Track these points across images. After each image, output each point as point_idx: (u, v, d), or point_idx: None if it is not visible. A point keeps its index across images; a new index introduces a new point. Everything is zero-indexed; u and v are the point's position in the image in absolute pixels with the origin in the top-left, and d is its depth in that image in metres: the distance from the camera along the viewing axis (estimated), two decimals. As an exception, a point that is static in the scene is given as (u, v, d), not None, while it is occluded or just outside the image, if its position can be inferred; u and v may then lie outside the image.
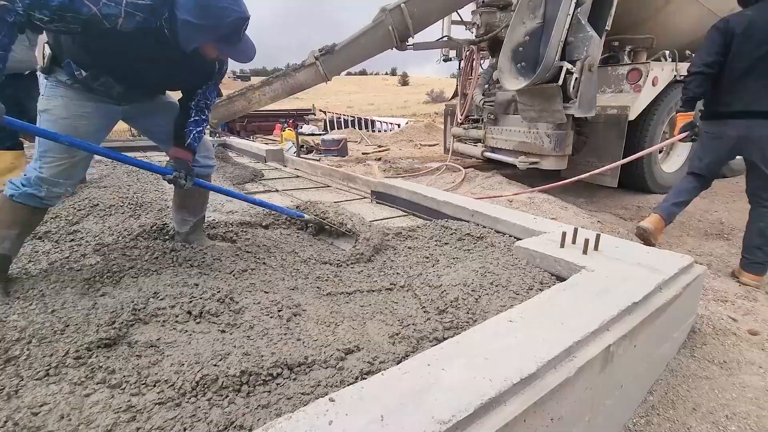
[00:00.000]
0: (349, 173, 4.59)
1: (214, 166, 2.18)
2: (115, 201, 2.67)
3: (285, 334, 1.41)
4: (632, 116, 4.07)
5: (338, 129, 14.28)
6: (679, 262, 1.95)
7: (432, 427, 0.94)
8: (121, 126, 2.63)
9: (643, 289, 1.67)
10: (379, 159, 6.95)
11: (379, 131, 15.25)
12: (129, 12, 1.46)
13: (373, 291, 1.81)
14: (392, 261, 2.13)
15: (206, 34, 1.55)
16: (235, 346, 1.32)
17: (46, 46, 1.69)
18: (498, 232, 2.64)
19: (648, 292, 1.66)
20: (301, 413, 0.97)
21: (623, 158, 4.08)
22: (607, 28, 3.72)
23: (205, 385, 1.15)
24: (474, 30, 4.84)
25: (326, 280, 1.87)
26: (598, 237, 2.09)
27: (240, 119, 13.98)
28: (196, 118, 1.91)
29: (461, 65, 5.48)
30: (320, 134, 12.84)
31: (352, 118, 15.50)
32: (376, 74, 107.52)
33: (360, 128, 14.99)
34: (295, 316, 1.52)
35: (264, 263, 1.98)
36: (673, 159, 5.14)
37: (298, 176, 4.90)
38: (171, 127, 1.93)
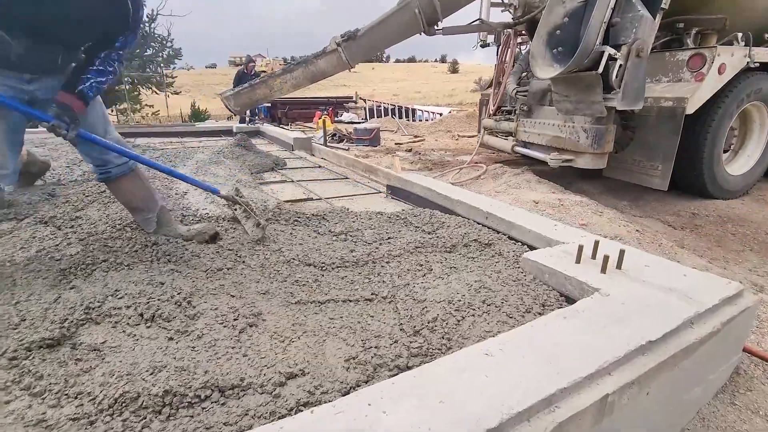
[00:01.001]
0: (371, 165, 4.42)
1: (125, 163, 1.93)
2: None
3: (233, 347, 1.28)
4: (691, 109, 3.55)
5: (377, 117, 14.11)
6: (723, 290, 1.62)
7: None
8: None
9: (667, 323, 1.38)
10: (410, 150, 6.71)
11: (420, 120, 14.90)
12: None
13: (350, 301, 1.64)
14: (382, 267, 1.95)
15: None
16: (174, 358, 1.21)
17: None
18: (511, 238, 2.38)
19: (672, 328, 1.37)
20: (198, 456, 0.83)
21: (679, 158, 3.60)
22: (664, 6, 3.24)
23: (124, 403, 1.05)
24: (512, 12, 4.45)
25: (303, 285, 1.73)
26: (622, 253, 1.78)
27: (281, 106, 14.23)
28: (101, 68, 1.66)
29: (499, 51, 5.09)
30: (358, 122, 12.75)
31: (393, 107, 15.27)
32: (425, 61, 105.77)
33: (400, 117, 14.72)
34: (250, 326, 1.39)
35: (243, 262, 1.87)
36: (741, 160, 4.48)
37: (320, 166, 4.80)
38: (92, 114, 1.77)
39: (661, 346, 1.33)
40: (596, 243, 1.89)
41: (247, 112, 10.10)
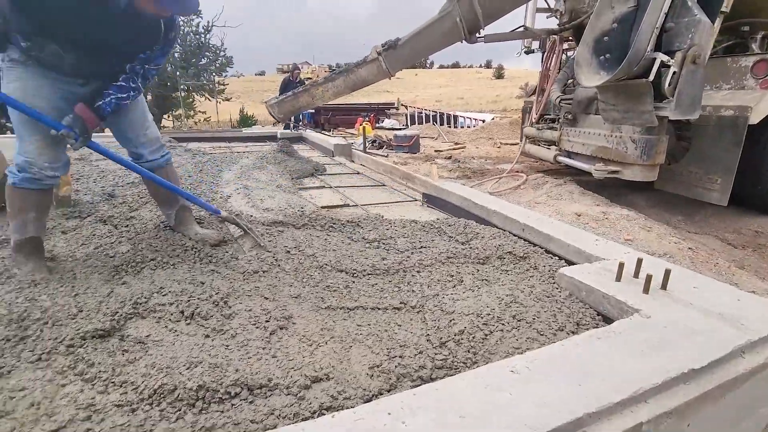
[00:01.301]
0: (408, 172, 4.44)
1: (165, 157, 2.13)
2: (170, 191, 2.87)
3: (263, 348, 1.34)
4: (755, 119, 3.29)
5: (419, 124, 14.12)
6: (777, 319, 1.48)
7: None
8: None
9: (714, 351, 1.29)
10: (449, 157, 6.66)
11: (462, 127, 14.76)
12: None
13: (379, 309, 1.66)
14: (413, 276, 1.96)
15: None
16: (209, 355, 1.29)
17: None
18: (549, 252, 2.31)
19: (719, 356, 1.28)
20: (224, 451, 0.88)
21: (741, 170, 3.33)
22: (724, 9, 3.04)
23: (162, 395, 1.13)
24: (558, 18, 4.32)
25: (334, 290, 1.78)
26: (667, 272, 1.68)
27: (324, 112, 14.61)
28: (123, 84, 1.80)
29: (544, 57, 4.96)
30: (399, 129, 12.82)
31: (434, 113, 15.23)
32: (469, 67, 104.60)
33: (441, 123, 14.66)
34: (280, 329, 1.44)
35: (279, 266, 1.94)
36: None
37: (358, 173, 4.87)
38: (130, 117, 1.94)
39: (706, 376, 1.24)
40: (639, 260, 1.79)
41: (291, 118, 10.45)
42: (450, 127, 14.46)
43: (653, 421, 1.10)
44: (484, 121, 14.83)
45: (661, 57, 2.69)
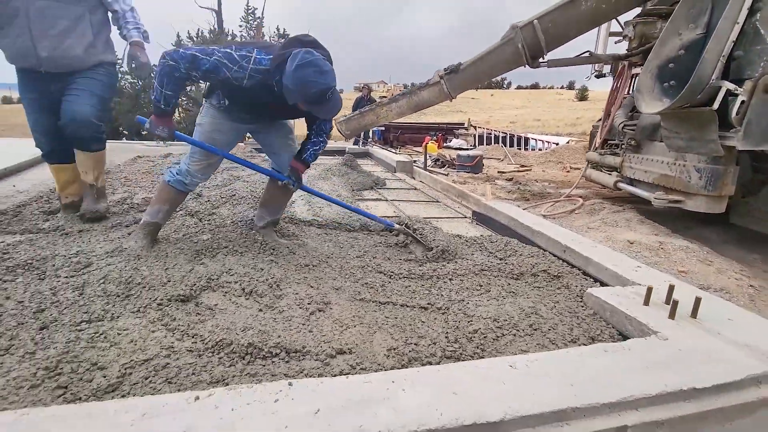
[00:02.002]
0: (463, 191, 4.58)
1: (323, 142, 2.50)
2: (246, 193, 3.33)
3: (303, 324, 1.61)
4: None
5: (487, 145, 14.05)
6: (816, 357, 1.43)
7: None
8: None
9: (724, 375, 1.32)
10: (511, 179, 6.65)
11: (532, 149, 14.40)
12: (251, 75, 1.96)
13: (407, 306, 1.86)
14: (444, 282, 2.12)
15: (298, 97, 1.93)
16: (260, 323, 1.58)
17: None
18: (587, 275, 2.34)
19: (729, 381, 1.30)
20: (260, 386, 1.14)
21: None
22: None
23: (221, 347, 1.43)
24: (627, 42, 4.24)
25: (371, 287, 2.01)
26: (698, 301, 1.68)
27: (394, 130, 15.13)
28: (315, 140, 2.37)
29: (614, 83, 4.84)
30: (466, 149, 12.88)
31: (504, 135, 15.04)
32: (549, 88, 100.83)
33: (511, 145, 14.44)
34: (319, 311, 1.70)
35: (327, 263, 2.23)
36: None
37: (416, 188, 5.11)
38: (280, 142, 2.45)
39: (711, 397, 1.28)
40: (671, 287, 1.80)
41: (362, 134, 11.07)
42: (520, 149, 14.20)
43: (640, 427, 1.17)
44: (557, 144, 14.34)
45: (728, 85, 2.61)
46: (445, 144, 14.34)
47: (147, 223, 2.30)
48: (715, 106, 2.64)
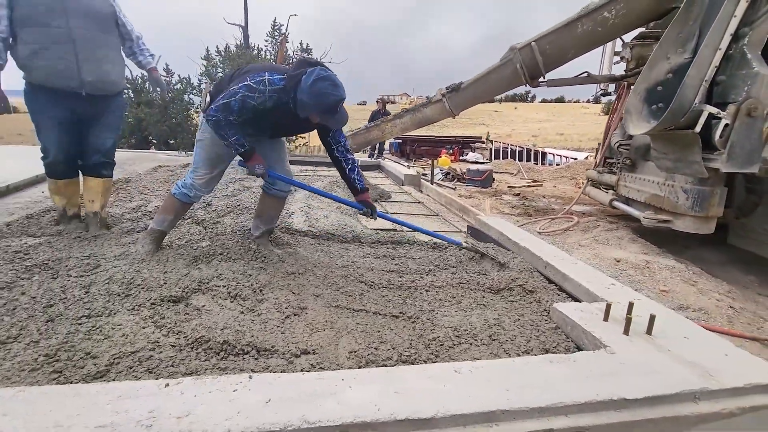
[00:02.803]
0: (464, 205, 4.69)
1: (287, 192, 2.73)
2: (250, 203, 3.54)
3: (277, 326, 1.76)
4: None
5: (503, 159, 14.06)
6: (754, 377, 1.49)
7: (300, 424, 1.13)
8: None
9: (658, 389, 1.39)
10: (518, 194, 6.69)
11: (550, 164, 14.31)
12: (270, 96, 2.18)
13: (379, 314, 2.00)
14: (420, 293, 2.25)
15: (312, 109, 2.15)
16: (238, 324, 1.75)
17: (208, 94, 2.50)
18: (563, 290, 2.42)
19: (661, 394, 1.38)
20: (224, 377, 1.30)
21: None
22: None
23: (200, 343, 1.60)
24: (624, 64, 4.30)
25: (349, 296, 2.15)
26: (652, 318, 1.75)
27: (410, 143, 15.30)
28: (350, 166, 2.55)
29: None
30: (482, 162, 12.93)
31: (520, 149, 15.01)
32: (575, 101, 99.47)
33: (528, 160, 14.40)
34: (294, 315, 1.86)
35: (312, 271, 2.39)
36: None
37: (419, 202, 5.24)
38: (276, 156, 2.60)
39: (642, 408, 1.36)
40: (630, 304, 1.87)
41: (376, 147, 11.31)
42: (537, 164, 14.14)
43: (566, 431, 1.26)
44: (575, 159, 14.23)
45: (710, 109, 2.66)
46: (461, 157, 14.40)
47: (153, 230, 2.52)
48: (698, 129, 2.69)
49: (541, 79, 4.22)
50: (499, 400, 1.29)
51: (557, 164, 14.08)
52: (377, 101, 11.91)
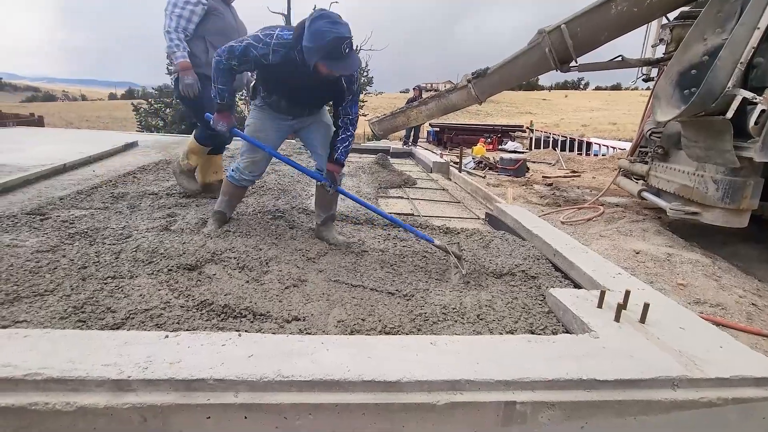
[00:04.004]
0: (488, 193, 4.65)
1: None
2: (273, 185, 3.73)
3: (276, 295, 1.90)
4: None
5: (544, 148, 13.57)
6: (750, 369, 1.45)
7: (274, 377, 1.25)
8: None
9: (633, 373, 1.39)
10: (550, 184, 6.50)
11: (595, 155, 13.64)
12: (274, 49, 2.20)
13: (376, 291, 2.09)
14: (422, 275, 2.31)
15: (315, 54, 2.05)
16: (241, 291, 1.90)
17: (252, 82, 2.66)
18: (567, 278, 2.39)
19: (634, 378, 1.38)
20: (215, 334, 1.45)
21: None
22: None
23: (204, 306, 1.77)
24: (664, 47, 4.03)
25: (350, 271, 2.26)
26: (646, 307, 1.72)
27: (448, 131, 15.10)
28: (342, 135, 2.48)
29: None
30: (522, 152, 12.57)
31: (563, 138, 14.39)
32: (634, 89, 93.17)
33: (571, 150, 13.80)
34: (293, 286, 1.99)
35: (319, 249, 2.51)
36: None
37: (444, 189, 5.24)
38: (322, 142, 2.64)
39: (613, 390, 1.37)
40: (627, 292, 1.84)
41: (411, 135, 11.32)
42: (580, 154, 13.53)
43: (530, 404, 1.31)
44: (623, 149, 13.47)
45: (744, 94, 2.49)
46: (499, 146, 14.06)
47: (215, 211, 2.74)
48: (729, 115, 2.52)
49: (572, 64, 4.06)
50: (466, 371, 1.35)
51: (603, 155, 13.39)
52: (414, 89, 11.92)
